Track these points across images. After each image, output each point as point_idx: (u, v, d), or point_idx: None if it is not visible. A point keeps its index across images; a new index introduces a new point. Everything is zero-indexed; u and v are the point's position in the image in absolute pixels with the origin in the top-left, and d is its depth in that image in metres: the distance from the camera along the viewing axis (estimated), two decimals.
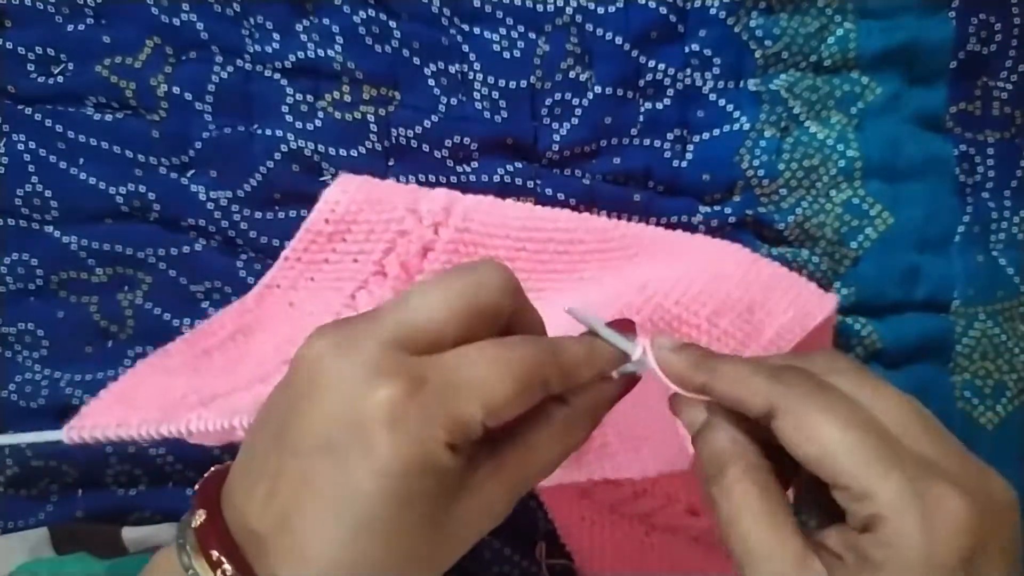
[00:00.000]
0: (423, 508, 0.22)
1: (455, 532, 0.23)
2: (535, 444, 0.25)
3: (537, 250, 0.40)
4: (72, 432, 0.36)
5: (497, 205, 0.41)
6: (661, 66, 0.43)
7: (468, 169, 0.43)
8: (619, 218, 0.43)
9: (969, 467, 0.22)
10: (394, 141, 0.43)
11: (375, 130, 0.43)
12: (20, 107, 0.42)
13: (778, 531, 0.23)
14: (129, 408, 0.37)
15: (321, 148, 0.42)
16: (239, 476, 0.24)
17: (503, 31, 0.42)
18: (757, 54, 0.43)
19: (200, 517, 0.23)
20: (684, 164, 0.43)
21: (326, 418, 0.22)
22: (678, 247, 0.41)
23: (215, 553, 0.22)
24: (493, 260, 0.25)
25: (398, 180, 0.43)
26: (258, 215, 0.42)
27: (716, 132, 0.43)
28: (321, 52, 0.42)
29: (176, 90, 0.42)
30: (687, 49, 0.43)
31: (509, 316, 0.25)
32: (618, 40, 0.42)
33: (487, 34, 0.42)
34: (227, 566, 0.22)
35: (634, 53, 0.42)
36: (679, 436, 0.35)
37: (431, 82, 0.43)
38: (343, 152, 0.42)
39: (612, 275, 0.40)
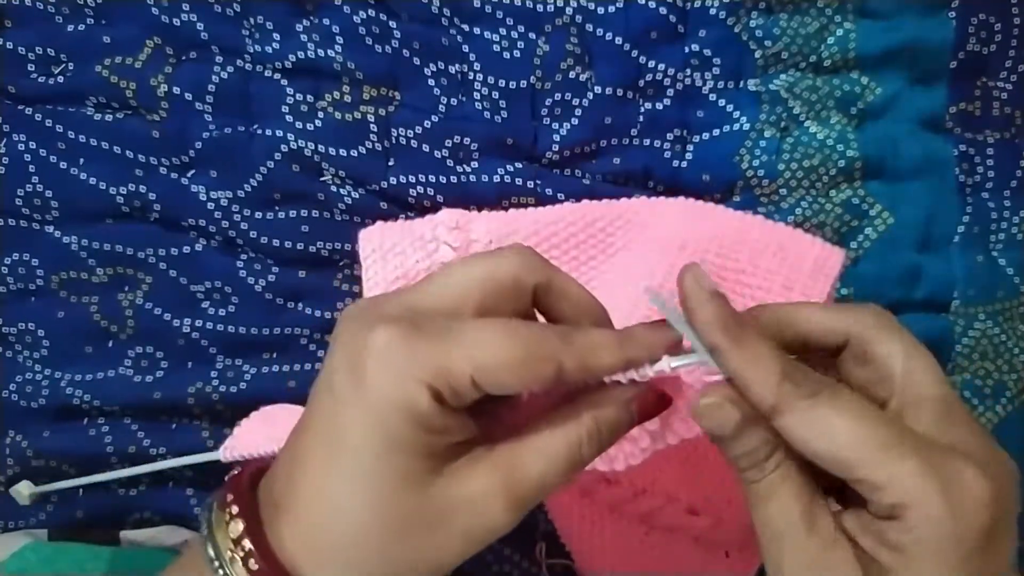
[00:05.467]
0: (403, 458, 0.22)
1: (439, 512, 0.22)
2: (530, 436, 0.24)
3: (566, 248, 0.41)
4: (226, 452, 0.38)
5: (506, 219, 0.41)
6: (661, 66, 0.43)
7: (468, 169, 0.43)
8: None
9: (977, 440, 0.23)
10: (394, 141, 0.43)
11: (375, 130, 0.43)
12: (20, 107, 0.42)
13: (811, 512, 0.23)
14: (269, 428, 0.39)
15: (321, 148, 0.42)
16: (283, 446, 0.25)
17: (503, 31, 0.42)
18: (757, 54, 0.43)
19: (235, 470, 0.25)
20: (684, 164, 0.43)
21: (333, 364, 0.23)
22: (690, 210, 0.42)
23: (233, 506, 0.23)
24: (517, 244, 0.25)
25: (398, 180, 0.43)
26: (258, 215, 0.42)
27: (716, 132, 0.43)
28: (321, 52, 0.42)
29: (176, 90, 0.42)
30: (687, 49, 0.43)
31: (543, 294, 0.25)
32: (618, 40, 0.42)
33: (487, 34, 0.42)
34: (237, 521, 0.23)
35: (634, 53, 0.42)
36: None
37: (431, 82, 0.43)
38: (343, 152, 0.42)
39: (642, 241, 0.41)
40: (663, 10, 0.42)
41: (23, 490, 0.40)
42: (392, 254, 0.40)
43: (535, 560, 0.42)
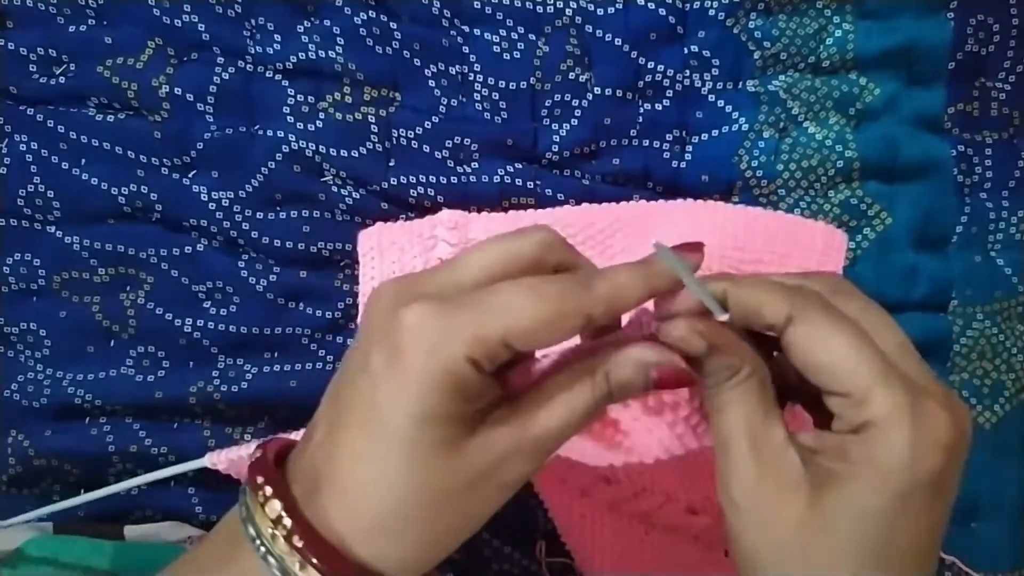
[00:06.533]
0: (441, 429, 0.23)
1: (476, 472, 0.23)
2: (547, 393, 0.25)
3: None
4: (212, 456, 0.38)
5: (504, 220, 0.42)
6: (660, 67, 0.43)
7: (468, 170, 0.43)
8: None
9: (948, 394, 0.24)
10: (395, 142, 0.43)
11: (376, 131, 0.43)
12: (22, 108, 0.42)
13: (768, 421, 0.25)
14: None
15: (322, 149, 0.42)
16: (310, 426, 0.26)
17: (503, 32, 0.42)
18: (756, 55, 0.43)
19: (256, 454, 0.25)
20: (683, 165, 0.43)
21: (368, 344, 0.24)
22: (693, 210, 0.42)
23: (265, 487, 0.24)
24: (538, 224, 0.26)
25: (399, 181, 0.43)
26: (259, 215, 0.43)
27: (715, 133, 0.43)
28: (322, 53, 0.42)
29: (178, 91, 0.42)
30: (686, 50, 0.43)
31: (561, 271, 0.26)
32: (617, 41, 0.42)
33: (487, 35, 0.42)
34: (273, 501, 0.23)
35: (633, 54, 0.43)
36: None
37: (431, 83, 0.43)
38: (344, 153, 0.43)
39: (644, 244, 0.41)
40: (662, 11, 0.42)
41: None
42: (390, 251, 0.40)
43: (535, 558, 0.42)
